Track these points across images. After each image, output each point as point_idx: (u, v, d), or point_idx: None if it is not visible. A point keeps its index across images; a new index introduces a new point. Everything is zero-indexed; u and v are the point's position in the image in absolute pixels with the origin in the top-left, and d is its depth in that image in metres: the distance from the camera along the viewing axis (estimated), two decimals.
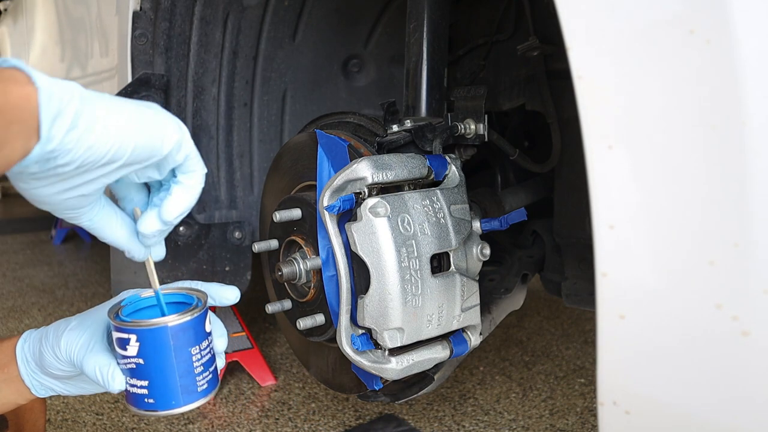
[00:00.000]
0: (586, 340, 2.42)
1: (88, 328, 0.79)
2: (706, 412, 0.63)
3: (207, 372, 0.78)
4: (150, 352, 0.73)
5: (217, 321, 0.84)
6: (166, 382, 0.75)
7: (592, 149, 0.66)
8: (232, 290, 0.85)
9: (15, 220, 5.41)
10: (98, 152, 0.58)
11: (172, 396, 0.75)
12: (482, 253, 1.14)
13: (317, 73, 1.83)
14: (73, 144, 0.55)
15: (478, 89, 1.20)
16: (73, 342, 0.77)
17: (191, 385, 0.76)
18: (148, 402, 0.75)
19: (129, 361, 0.74)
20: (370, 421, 1.81)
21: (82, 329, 0.79)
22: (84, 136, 0.56)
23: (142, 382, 0.75)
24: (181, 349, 0.74)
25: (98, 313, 0.81)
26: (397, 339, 1.03)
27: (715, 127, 0.58)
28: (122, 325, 0.74)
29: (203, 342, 0.77)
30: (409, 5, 1.24)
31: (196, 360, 0.76)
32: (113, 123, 0.58)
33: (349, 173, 1.03)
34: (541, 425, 1.78)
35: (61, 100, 0.54)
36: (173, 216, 0.69)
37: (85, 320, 0.80)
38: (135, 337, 0.73)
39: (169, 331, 0.74)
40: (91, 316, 0.81)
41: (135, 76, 1.51)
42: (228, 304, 0.85)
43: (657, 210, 0.63)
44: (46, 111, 0.53)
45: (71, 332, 0.78)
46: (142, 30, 1.50)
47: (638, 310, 0.66)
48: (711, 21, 0.57)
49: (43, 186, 0.60)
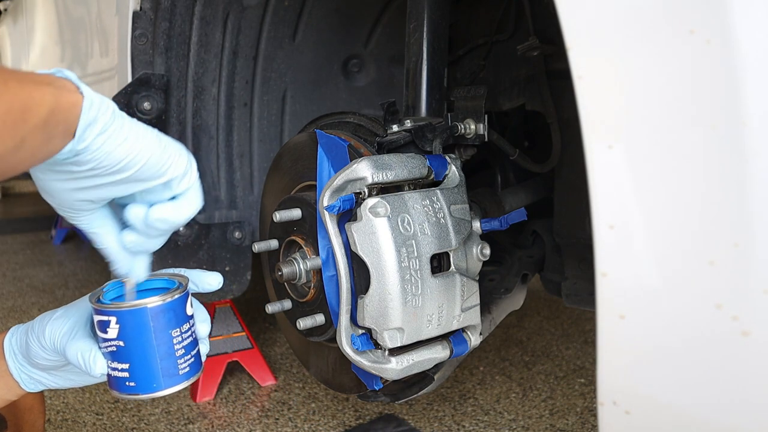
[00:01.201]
0: (586, 340, 2.42)
1: (72, 317, 0.80)
2: (706, 412, 0.63)
3: (189, 355, 0.77)
4: (130, 335, 0.73)
5: (199, 306, 0.85)
6: (146, 365, 0.75)
7: (592, 149, 0.66)
8: (214, 276, 0.86)
9: (15, 220, 5.41)
10: (113, 159, 0.66)
11: (153, 379, 0.75)
12: (482, 253, 1.14)
13: (317, 73, 1.83)
14: (97, 146, 0.64)
15: (478, 89, 1.20)
16: (57, 330, 0.79)
17: (172, 368, 0.76)
18: (130, 385, 0.75)
19: (110, 344, 0.74)
20: (370, 421, 1.81)
21: (66, 318, 0.80)
22: (108, 142, 0.65)
23: (122, 365, 0.75)
24: (161, 331, 0.74)
25: (83, 303, 0.82)
26: (397, 339, 1.03)
27: (714, 127, 0.58)
28: (102, 308, 0.74)
29: (184, 325, 0.77)
30: (409, 5, 1.24)
31: (177, 343, 0.76)
32: (133, 137, 0.67)
33: (349, 173, 1.03)
34: (541, 425, 1.78)
35: (99, 109, 0.64)
36: (163, 215, 0.72)
37: (69, 309, 0.82)
38: (115, 319, 0.73)
39: (149, 313, 0.74)
40: (75, 306, 0.82)
41: (135, 76, 1.51)
42: (211, 289, 0.86)
43: (657, 210, 0.63)
44: (86, 116, 0.63)
45: (55, 321, 0.80)
46: (142, 30, 1.50)
47: (638, 310, 0.66)
48: (711, 21, 0.57)
49: (56, 180, 0.67)
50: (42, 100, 0.59)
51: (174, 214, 0.72)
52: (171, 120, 1.59)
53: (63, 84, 0.63)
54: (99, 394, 2.03)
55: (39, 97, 0.59)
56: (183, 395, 2.02)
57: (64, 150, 0.63)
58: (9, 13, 3.72)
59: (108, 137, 0.65)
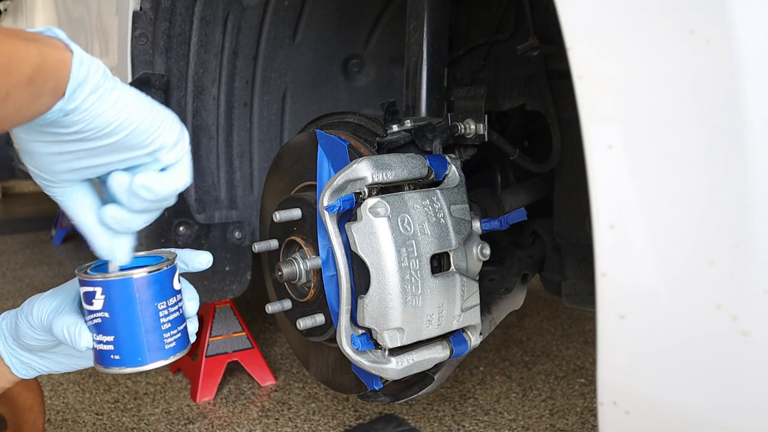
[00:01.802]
0: (586, 340, 2.42)
1: (60, 295, 0.80)
2: (706, 412, 0.63)
3: (175, 330, 0.76)
4: (115, 306, 0.73)
5: (188, 285, 0.84)
6: (131, 337, 0.73)
7: (592, 149, 0.66)
8: (205, 255, 0.85)
9: (15, 220, 5.41)
10: (102, 121, 0.63)
11: (138, 352, 0.74)
12: (482, 253, 1.14)
13: (317, 73, 1.83)
14: (87, 107, 0.62)
15: (478, 89, 1.20)
16: (45, 307, 0.78)
17: (158, 341, 0.75)
18: (114, 359, 0.74)
19: (95, 316, 0.74)
20: (370, 421, 1.81)
21: (54, 296, 0.80)
22: (98, 102, 0.63)
23: (107, 337, 0.74)
24: (146, 303, 0.73)
25: (71, 284, 0.82)
26: (397, 339, 1.03)
27: (715, 127, 0.58)
28: (88, 279, 0.73)
29: (171, 299, 0.76)
30: (409, 5, 1.24)
31: (163, 316, 0.75)
32: (124, 100, 0.64)
33: (349, 173, 1.03)
34: (541, 425, 1.78)
35: (89, 69, 0.63)
36: (147, 182, 0.67)
37: (58, 290, 0.81)
38: (100, 289, 0.72)
39: (135, 284, 0.73)
40: (63, 286, 0.82)
41: (135, 76, 1.51)
42: (201, 268, 0.85)
43: (657, 210, 0.63)
44: (76, 74, 0.61)
45: (44, 299, 0.79)
46: (142, 30, 1.50)
47: (638, 310, 0.66)
48: (711, 21, 0.57)
49: (39, 142, 0.65)
50: (27, 54, 0.57)
51: (160, 184, 0.67)
52: None
53: (51, 42, 0.61)
54: (99, 394, 2.03)
55: (24, 52, 0.57)
56: (183, 395, 2.02)
57: (54, 109, 0.61)
58: (9, 13, 3.72)
59: (99, 98, 0.63)
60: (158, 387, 2.09)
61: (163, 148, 0.67)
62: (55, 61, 0.60)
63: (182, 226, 1.66)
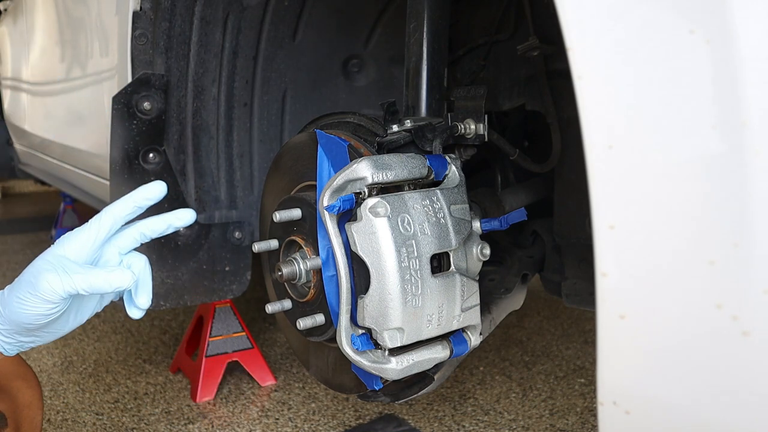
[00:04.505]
0: (586, 340, 2.42)
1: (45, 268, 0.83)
2: (706, 412, 0.63)
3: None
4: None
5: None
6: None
7: (592, 149, 0.66)
8: (186, 212, 0.89)
9: (15, 220, 5.41)
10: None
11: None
12: (482, 253, 1.14)
13: (317, 73, 1.83)
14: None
15: (478, 89, 1.20)
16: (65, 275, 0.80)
17: None
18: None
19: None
20: (370, 421, 1.81)
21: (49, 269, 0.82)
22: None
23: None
24: None
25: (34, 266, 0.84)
26: (397, 339, 1.03)
27: (715, 127, 0.58)
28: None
29: None
30: (409, 5, 1.24)
31: None
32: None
33: (349, 173, 1.03)
34: (541, 425, 1.78)
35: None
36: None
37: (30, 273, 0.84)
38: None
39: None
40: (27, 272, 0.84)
41: (135, 76, 1.51)
42: (183, 225, 0.89)
43: (657, 210, 0.63)
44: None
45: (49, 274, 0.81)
46: (142, 30, 1.50)
47: (638, 310, 0.66)
48: (711, 21, 0.57)
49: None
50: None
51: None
52: (171, 120, 1.59)
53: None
54: (99, 394, 2.03)
55: None
56: (183, 395, 2.02)
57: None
58: (9, 13, 3.71)
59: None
60: (158, 387, 2.09)
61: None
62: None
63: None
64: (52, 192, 6.20)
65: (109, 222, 0.84)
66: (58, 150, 2.74)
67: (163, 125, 1.56)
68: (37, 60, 3.02)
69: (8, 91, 3.86)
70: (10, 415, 1.15)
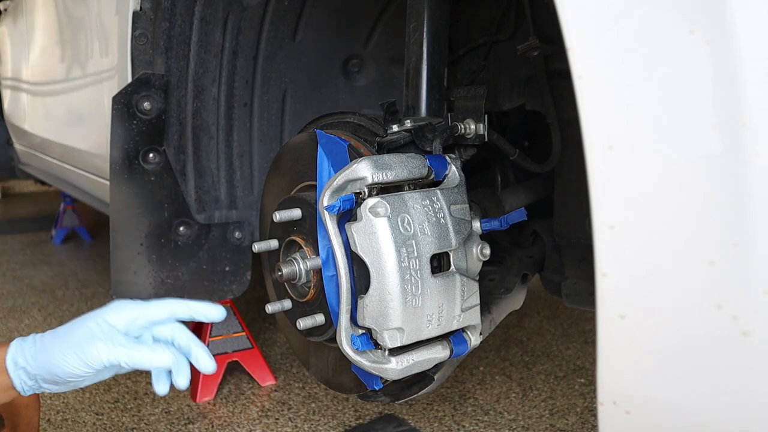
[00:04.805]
0: (586, 340, 2.42)
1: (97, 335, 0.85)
2: (706, 412, 0.63)
3: None
4: None
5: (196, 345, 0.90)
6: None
7: (592, 149, 0.66)
8: (216, 308, 0.91)
9: (15, 220, 5.41)
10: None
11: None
12: (482, 253, 1.14)
13: (317, 73, 1.83)
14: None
15: (478, 89, 1.20)
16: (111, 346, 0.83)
17: None
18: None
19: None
20: (370, 421, 1.81)
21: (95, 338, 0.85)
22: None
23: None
24: None
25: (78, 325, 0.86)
26: (397, 339, 1.03)
27: (715, 127, 0.58)
28: None
29: None
30: (409, 5, 1.24)
31: None
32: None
33: (349, 173, 1.03)
34: (541, 425, 1.78)
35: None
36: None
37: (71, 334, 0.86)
38: None
39: None
40: (71, 330, 0.86)
41: (135, 76, 1.51)
42: (213, 320, 0.92)
43: (657, 210, 0.63)
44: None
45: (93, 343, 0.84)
46: (142, 30, 1.50)
47: (638, 310, 0.66)
48: (711, 21, 0.57)
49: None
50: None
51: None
52: (171, 120, 1.59)
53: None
54: (99, 394, 2.03)
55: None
56: (183, 395, 2.02)
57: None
58: (9, 13, 3.71)
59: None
60: None
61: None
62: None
63: (182, 226, 1.66)
64: (52, 192, 6.20)
65: (164, 314, 0.88)
66: (58, 150, 2.74)
67: (163, 125, 1.56)
68: (37, 60, 3.02)
69: (8, 91, 3.86)
70: (7, 416, 1.15)
